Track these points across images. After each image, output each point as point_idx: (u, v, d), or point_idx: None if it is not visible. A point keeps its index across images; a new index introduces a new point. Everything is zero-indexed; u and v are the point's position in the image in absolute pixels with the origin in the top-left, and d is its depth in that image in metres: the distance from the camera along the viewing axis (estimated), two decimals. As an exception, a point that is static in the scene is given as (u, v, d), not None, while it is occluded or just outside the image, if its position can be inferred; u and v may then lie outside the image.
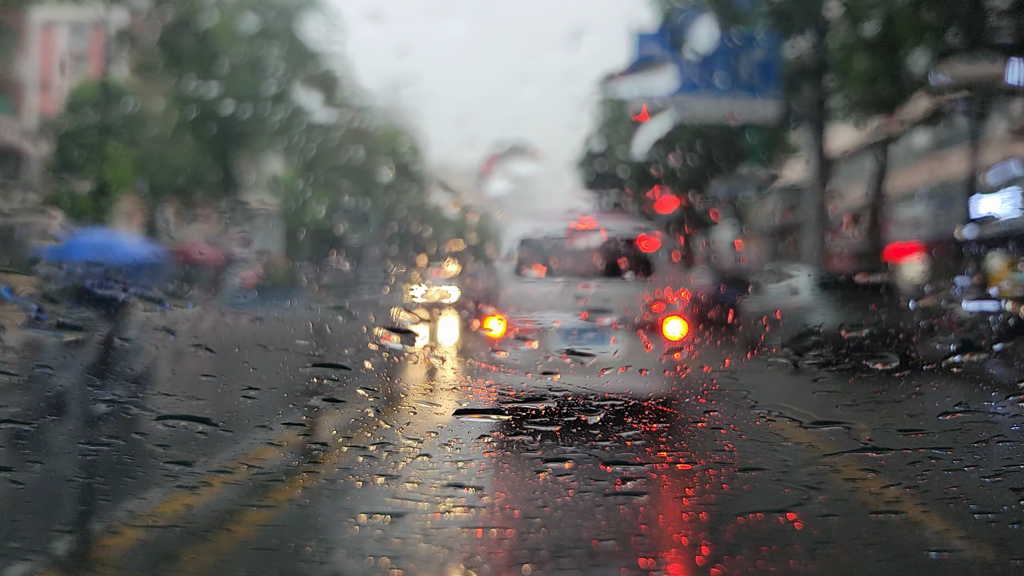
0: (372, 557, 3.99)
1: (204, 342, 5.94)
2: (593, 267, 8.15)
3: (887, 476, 4.50)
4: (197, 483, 4.57)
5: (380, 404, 6.80)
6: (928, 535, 4.14)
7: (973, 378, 6.09)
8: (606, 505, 4.34)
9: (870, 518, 4.36)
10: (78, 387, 5.78)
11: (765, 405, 6.09)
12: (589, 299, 7.55)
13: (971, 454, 4.45)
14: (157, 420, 4.92)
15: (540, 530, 4.21)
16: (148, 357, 6.66)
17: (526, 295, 7.99)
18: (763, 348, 10.12)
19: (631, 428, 5.04)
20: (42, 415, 5.49)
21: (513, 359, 7.57)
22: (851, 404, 5.57)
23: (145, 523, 4.40)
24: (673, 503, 4.52)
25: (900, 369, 5.22)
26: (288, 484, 5.05)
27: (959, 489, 4.08)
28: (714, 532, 4.24)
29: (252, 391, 5.30)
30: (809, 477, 4.71)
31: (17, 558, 3.84)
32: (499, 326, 7.76)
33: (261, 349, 6.78)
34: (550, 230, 8.47)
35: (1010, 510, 3.96)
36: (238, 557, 4.16)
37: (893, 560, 3.95)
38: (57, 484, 4.64)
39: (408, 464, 5.29)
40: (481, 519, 4.50)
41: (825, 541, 3.94)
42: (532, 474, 4.99)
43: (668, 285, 8.10)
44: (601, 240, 8.19)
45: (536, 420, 5.28)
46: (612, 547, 4.00)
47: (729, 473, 4.57)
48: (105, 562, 4.01)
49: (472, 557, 3.96)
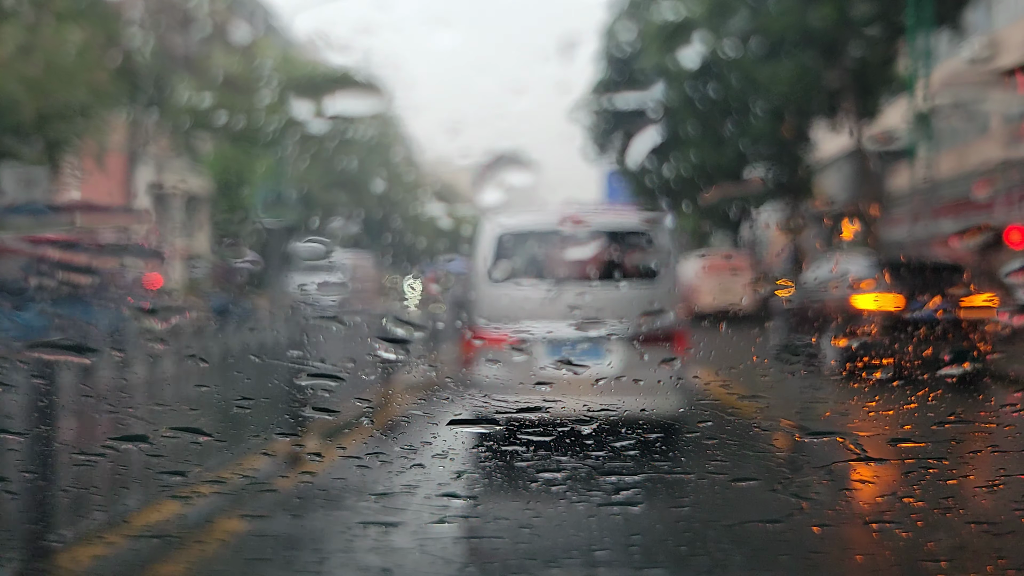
0: (366, 567, 3.98)
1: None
2: (584, 269, 6.94)
3: (881, 486, 4.50)
4: (190, 492, 4.55)
5: (373, 413, 6.79)
6: (923, 545, 4.14)
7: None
8: (599, 515, 4.33)
9: (864, 528, 4.37)
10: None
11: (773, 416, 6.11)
12: (580, 308, 6.59)
13: (966, 464, 4.46)
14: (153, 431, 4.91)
15: (534, 540, 4.20)
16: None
17: (503, 303, 6.94)
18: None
19: (625, 438, 5.03)
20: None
21: (487, 377, 6.64)
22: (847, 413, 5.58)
23: (138, 532, 4.39)
24: (667, 513, 4.52)
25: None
26: (282, 494, 5.04)
27: (954, 499, 4.09)
28: (708, 543, 4.23)
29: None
30: (803, 487, 4.71)
31: (11, 567, 3.82)
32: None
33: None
34: (533, 225, 7.36)
35: (1006, 520, 3.96)
36: (231, 566, 4.15)
37: (888, 571, 3.95)
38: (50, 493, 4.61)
39: (401, 474, 5.28)
40: (475, 529, 4.49)
41: (819, 551, 3.94)
42: (526, 484, 4.98)
43: (672, 286, 7.13)
44: (596, 236, 6.98)
45: (530, 430, 5.27)
46: (606, 557, 4.00)
47: (723, 483, 4.56)
48: (99, 571, 3.99)
49: (466, 567, 3.95)
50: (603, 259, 6.97)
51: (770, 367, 9.32)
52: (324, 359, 7.17)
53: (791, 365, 10.47)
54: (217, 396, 6.16)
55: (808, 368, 10.34)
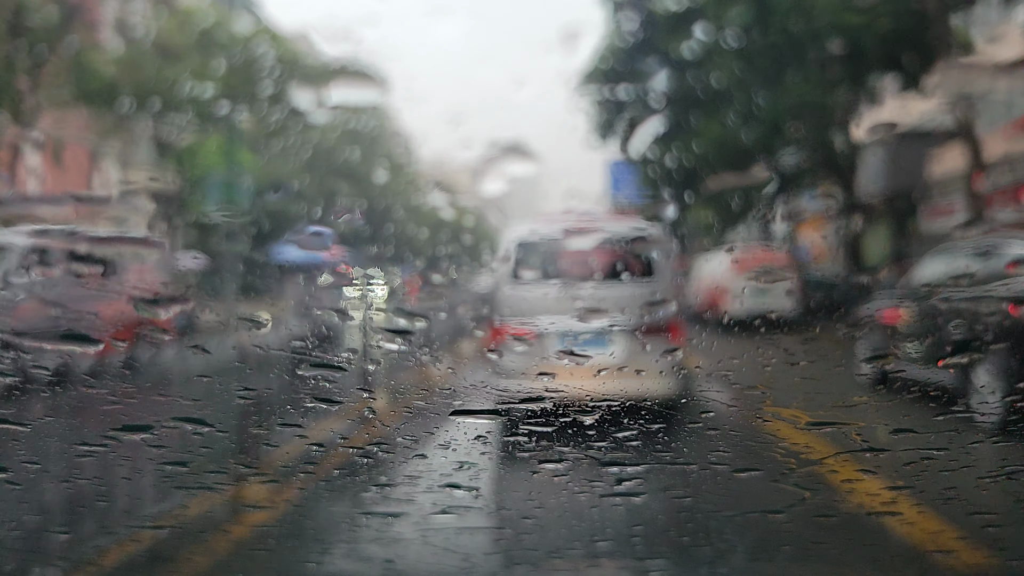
0: (369, 558, 3.99)
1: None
2: (590, 270, 8.07)
3: (883, 477, 4.50)
4: (193, 484, 4.56)
5: (377, 405, 6.80)
6: (924, 536, 4.14)
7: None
8: (602, 506, 4.34)
9: (866, 519, 4.37)
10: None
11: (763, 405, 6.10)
12: (586, 302, 7.49)
13: (967, 454, 4.46)
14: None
15: (536, 530, 4.21)
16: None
17: (522, 299, 7.95)
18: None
19: (627, 428, 5.03)
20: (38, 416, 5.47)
21: (508, 363, 7.45)
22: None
23: (141, 524, 4.40)
24: (669, 504, 4.52)
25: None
26: (285, 484, 5.05)
27: (956, 490, 4.09)
28: (710, 533, 4.24)
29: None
30: (805, 478, 4.72)
31: (13, 558, 3.83)
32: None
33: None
34: (547, 232, 8.42)
35: (1007, 511, 3.96)
36: (234, 558, 4.16)
37: (889, 561, 3.96)
38: (53, 485, 4.63)
39: (404, 464, 5.29)
40: (477, 520, 4.50)
41: (821, 542, 3.94)
42: (528, 475, 4.99)
43: (668, 286, 8.01)
44: (599, 242, 8.10)
45: (532, 421, 5.28)
46: (608, 548, 4.00)
47: (725, 474, 4.57)
48: (101, 563, 4.00)
49: (469, 557, 3.96)
50: (607, 261, 8.10)
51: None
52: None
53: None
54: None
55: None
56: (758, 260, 19.03)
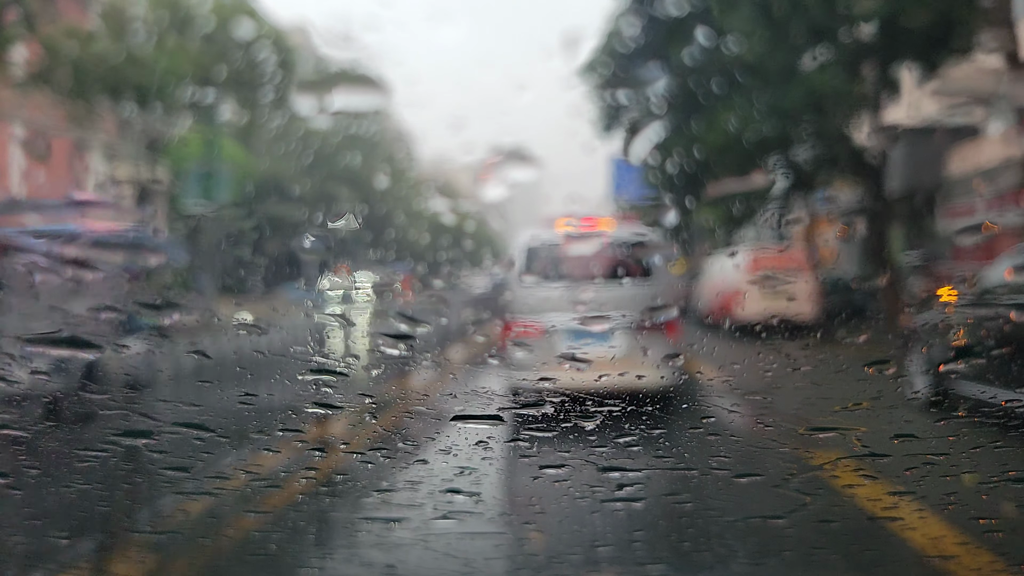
0: (370, 563, 3.99)
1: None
2: (593, 272, 8.72)
3: (884, 482, 4.50)
4: (194, 489, 4.56)
5: (377, 410, 6.80)
6: (925, 541, 4.14)
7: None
8: (603, 511, 4.34)
9: (867, 524, 4.37)
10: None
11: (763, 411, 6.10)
12: (589, 303, 8.08)
13: (968, 460, 4.45)
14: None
15: (537, 536, 4.21)
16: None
17: (530, 300, 8.60)
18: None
19: (628, 433, 5.03)
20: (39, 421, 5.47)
21: (514, 360, 7.97)
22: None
23: (142, 529, 4.40)
24: (670, 509, 4.52)
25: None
26: (285, 489, 5.05)
27: (957, 495, 4.08)
28: (711, 538, 4.24)
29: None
30: (806, 483, 4.71)
31: (15, 564, 3.83)
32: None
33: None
34: (555, 239, 9.04)
35: (1009, 516, 3.96)
36: (235, 563, 4.16)
37: (891, 566, 3.95)
38: (55, 490, 4.63)
39: (405, 469, 5.29)
40: (478, 525, 4.49)
41: (822, 547, 3.93)
42: (529, 480, 4.98)
43: (666, 288, 8.70)
44: (604, 246, 8.81)
45: (533, 426, 5.27)
46: (609, 553, 4.00)
47: (726, 479, 4.56)
48: (102, 568, 3.99)
49: (470, 563, 3.96)
50: (610, 264, 8.70)
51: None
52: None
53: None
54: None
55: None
56: (772, 261, 18.37)
